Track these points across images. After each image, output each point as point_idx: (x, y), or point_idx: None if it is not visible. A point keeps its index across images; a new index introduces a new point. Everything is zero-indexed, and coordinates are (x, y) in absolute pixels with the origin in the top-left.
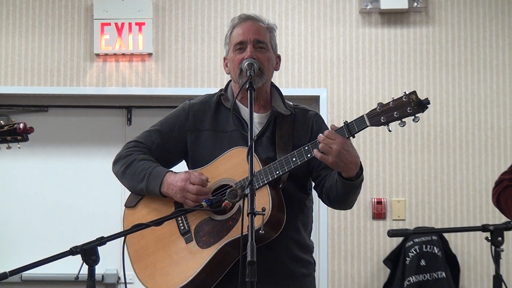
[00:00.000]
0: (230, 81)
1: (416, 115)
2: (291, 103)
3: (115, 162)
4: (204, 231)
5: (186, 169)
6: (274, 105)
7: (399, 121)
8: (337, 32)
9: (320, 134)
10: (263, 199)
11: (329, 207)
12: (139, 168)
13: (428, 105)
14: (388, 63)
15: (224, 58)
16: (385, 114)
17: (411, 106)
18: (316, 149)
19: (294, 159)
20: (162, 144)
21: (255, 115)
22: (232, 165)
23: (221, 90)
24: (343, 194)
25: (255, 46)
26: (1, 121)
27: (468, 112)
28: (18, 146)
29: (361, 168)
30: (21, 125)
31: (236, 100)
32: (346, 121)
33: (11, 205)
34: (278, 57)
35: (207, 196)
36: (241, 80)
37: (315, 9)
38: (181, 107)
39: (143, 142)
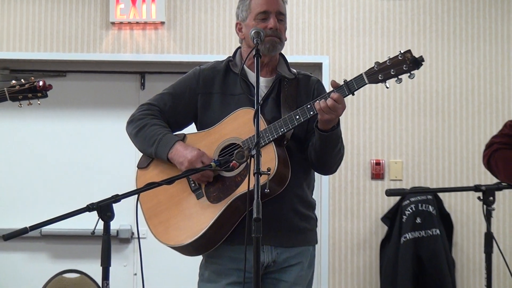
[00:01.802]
0: (238, 48)
1: (412, 72)
2: (295, 70)
3: (128, 123)
4: (214, 187)
5: (195, 130)
6: (279, 70)
7: (396, 78)
8: (339, 2)
9: (333, 94)
10: (269, 155)
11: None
12: (151, 133)
13: (422, 62)
14: (387, 32)
15: (238, 23)
16: (382, 72)
17: (406, 63)
18: (321, 101)
19: (297, 116)
20: (174, 107)
21: (262, 79)
22: (238, 125)
23: (229, 57)
24: (320, 149)
25: (277, 18)
26: (22, 80)
27: (462, 78)
28: (38, 102)
29: (338, 124)
30: (41, 83)
31: (244, 66)
32: (346, 80)
33: (31, 164)
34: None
35: (209, 180)
36: (262, 47)
37: None
38: (192, 72)
39: (156, 104)
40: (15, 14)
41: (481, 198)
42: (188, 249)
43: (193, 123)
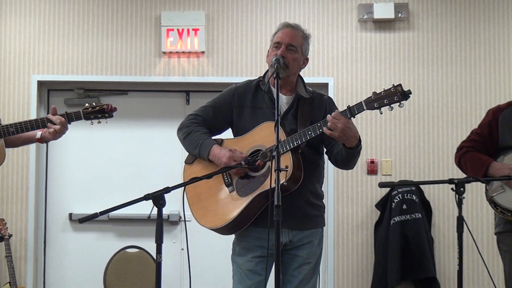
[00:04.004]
0: (267, 70)
1: (401, 102)
2: (311, 89)
3: (178, 130)
4: (243, 183)
5: (231, 136)
6: (297, 90)
7: (388, 106)
8: (341, 35)
9: (329, 115)
10: (286, 161)
11: (335, 167)
12: (194, 139)
13: (410, 95)
14: (379, 59)
15: (268, 51)
16: (378, 101)
17: (397, 95)
18: (325, 126)
19: (309, 132)
20: (214, 116)
21: (283, 96)
22: (263, 135)
23: (260, 77)
24: (346, 158)
25: (287, 48)
26: (94, 103)
27: (438, 95)
28: (106, 121)
29: (359, 140)
30: (108, 106)
31: (271, 85)
32: (349, 105)
33: (101, 162)
34: (306, 59)
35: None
36: (271, 69)
37: (325, 19)
38: (229, 88)
39: (200, 114)
40: (87, 45)
41: (454, 189)
42: (221, 230)
43: (230, 129)
